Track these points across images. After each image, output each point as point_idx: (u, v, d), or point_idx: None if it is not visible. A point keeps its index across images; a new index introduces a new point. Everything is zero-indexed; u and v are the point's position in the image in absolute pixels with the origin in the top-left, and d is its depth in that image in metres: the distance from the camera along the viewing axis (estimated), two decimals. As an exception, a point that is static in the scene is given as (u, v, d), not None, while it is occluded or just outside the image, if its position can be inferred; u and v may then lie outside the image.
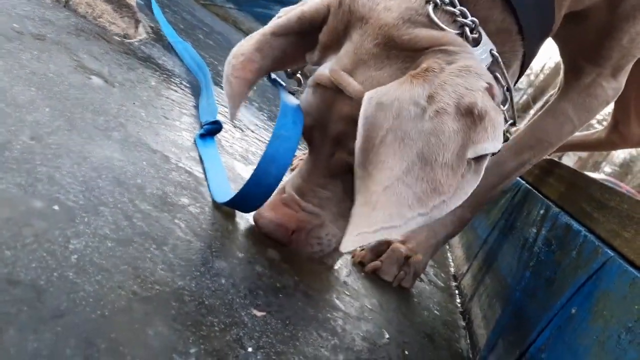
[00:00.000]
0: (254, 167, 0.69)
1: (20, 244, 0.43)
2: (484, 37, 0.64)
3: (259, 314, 0.56)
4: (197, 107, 1.12)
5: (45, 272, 0.42)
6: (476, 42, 0.64)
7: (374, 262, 0.90)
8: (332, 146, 0.70)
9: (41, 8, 1.05)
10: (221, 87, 1.44)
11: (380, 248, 0.92)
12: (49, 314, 0.39)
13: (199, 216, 0.68)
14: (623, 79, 0.95)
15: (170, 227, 0.61)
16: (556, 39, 0.95)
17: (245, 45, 0.72)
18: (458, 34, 0.63)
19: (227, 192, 0.75)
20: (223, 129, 1.08)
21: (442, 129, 0.55)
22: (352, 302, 0.74)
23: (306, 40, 0.72)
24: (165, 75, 1.19)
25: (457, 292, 1.10)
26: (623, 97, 1.60)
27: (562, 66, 0.99)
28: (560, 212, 0.78)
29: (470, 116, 0.56)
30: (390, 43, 0.63)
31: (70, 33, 1.02)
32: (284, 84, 0.82)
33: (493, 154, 0.58)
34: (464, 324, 0.93)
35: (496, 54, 0.65)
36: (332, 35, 0.69)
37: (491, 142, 0.56)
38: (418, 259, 0.93)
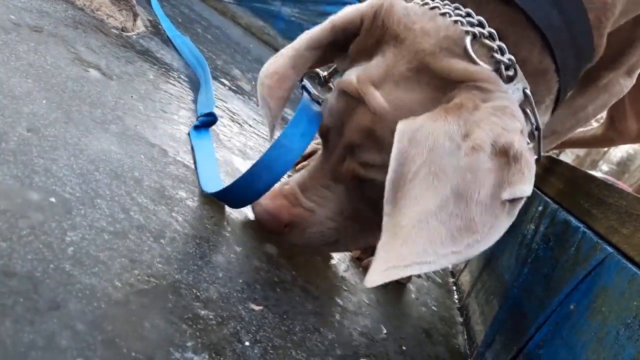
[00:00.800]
0: (253, 162, 0.69)
1: (17, 236, 0.43)
2: (520, 74, 0.63)
3: (256, 308, 0.56)
4: (195, 101, 1.11)
5: (41, 264, 0.42)
6: (510, 80, 0.63)
7: (370, 258, 0.90)
8: (344, 152, 0.69)
9: (39, 0, 1.04)
10: (219, 82, 1.44)
11: None
12: (45, 306, 0.38)
13: (197, 210, 0.67)
14: (636, 75, 0.98)
15: (168, 220, 0.60)
16: None
17: (278, 63, 0.71)
18: (494, 69, 0.62)
19: (216, 182, 0.75)
20: (222, 124, 1.07)
21: (478, 165, 0.54)
22: (350, 297, 0.74)
23: (338, 47, 0.72)
24: (163, 69, 1.18)
25: (454, 288, 1.10)
26: None
27: None
28: (559, 209, 0.77)
29: (506, 156, 0.54)
30: (424, 70, 0.62)
31: (67, 25, 1.01)
32: (311, 90, 0.80)
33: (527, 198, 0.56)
34: (462, 320, 0.93)
35: (529, 92, 0.64)
36: (363, 47, 0.69)
37: (527, 185, 0.54)
38: None
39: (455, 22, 0.63)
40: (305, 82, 0.80)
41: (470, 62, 0.61)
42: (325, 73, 0.84)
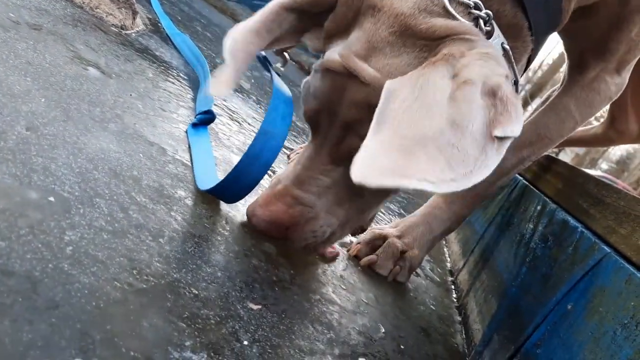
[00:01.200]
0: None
1: (15, 235, 0.43)
2: (497, 30, 0.65)
3: (254, 307, 0.56)
4: (194, 99, 1.11)
5: (40, 264, 0.42)
6: (489, 35, 0.64)
7: (369, 256, 0.90)
8: (342, 131, 0.68)
9: (38, -2, 1.04)
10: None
11: (376, 242, 0.92)
12: (43, 305, 0.38)
13: (195, 209, 0.67)
14: (627, 75, 0.95)
15: (167, 220, 0.60)
16: (563, 33, 0.93)
17: (250, 21, 0.69)
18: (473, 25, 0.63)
19: (212, 179, 0.75)
20: (220, 122, 1.07)
21: (471, 97, 0.54)
22: (348, 296, 0.74)
23: (306, 21, 0.72)
24: (162, 67, 1.18)
25: (453, 287, 1.11)
26: (620, 96, 1.60)
27: (566, 61, 0.98)
28: (557, 208, 0.78)
29: (494, 97, 0.55)
30: (406, 32, 0.63)
31: (67, 23, 1.01)
32: (273, 66, 0.82)
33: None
34: (460, 319, 0.93)
35: (507, 47, 0.66)
36: (339, 22, 0.68)
37: (515, 125, 0.55)
38: (414, 253, 0.93)
39: None
40: (264, 53, 0.82)
41: (451, 19, 0.62)
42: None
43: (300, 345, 0.56)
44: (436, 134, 0.52)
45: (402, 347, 0.70)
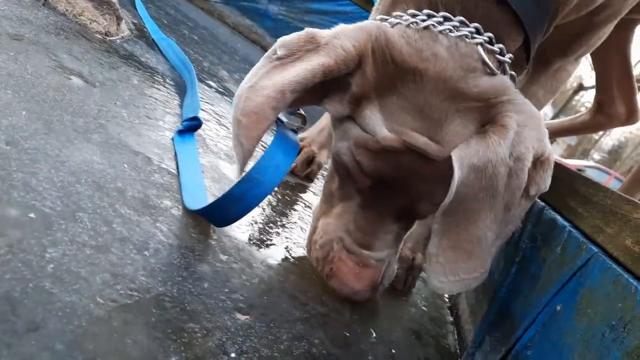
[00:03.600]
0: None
1: (-6, 255, 0.42)
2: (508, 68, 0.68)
3: (242, 317, 0.56)
4: (181, 105, 1.10)
5: (20, 284, 0.41)
6: (512, 78, 0.68)
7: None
8: (411, 201, 0.70)
9: (19, 7, 1.03)
10: (206, 85, 1.43)
11: None
12: (23, 328, 0.38)
13: (182, 219, 0.67)
14: (580, 60, 1.06)
15: (152, 231, 0.60)
16: None
17: (257, 101, 0.61)
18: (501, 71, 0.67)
19: (200, 196, 0.74)
20: (208, 128, 1.07)
21: (523, 182, 0.62)
22: (338, 302, 0.73)
23: (324, 85, 0.65)
24: (148, 74, 1.17)
25: (445, 286, 1.10)
26: (606, 78, 1.61)
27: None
28: (546, 207, 0.77)
29: (537, 161, 0.63)
30: (458, 96, 0.63)
31: (49, 32, 1.00)
32: (284, 119, 0.78)
33: None
34: (452, 320, 0.93)
35: (514, 75, 0.69)
36: (369, 86, 0.65)
37: (547, 183, 0.65)
38: (420, 258, 0.94)
39: (459, 37, 0.63)
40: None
41: (491, 74, 0.64)
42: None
43: (289, 355, 0.55)
44: (494, 220, 0.62)
45: (393, 351, 0.70)
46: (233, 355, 0.49)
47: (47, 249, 0.47)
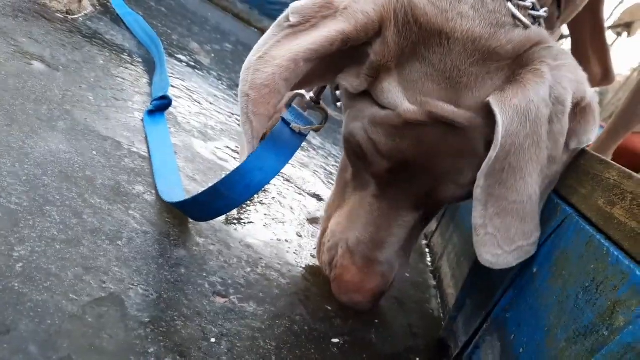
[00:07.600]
0: (214, 144, 0.67)
1: (-43, 259, 0.41)
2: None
3: (221, 300, 0.56)
4: (150, 83, 1.08)
5: (-13, 286, 0.40)
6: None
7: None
8: (434, 182, 0.63)
9: (-28, -11, 0.99)
10: (175, 59, 1.40)
11: None
12: (-8, 332, 0.37)
13: (155, 204, 0.66)
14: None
15: (124, 219, 0.59)
16: None
17: (267, 73, 0.56)
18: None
19: (173, 180, 0.71)
20: (179, 105, 1.05)
21: (564, 127, 0.57)
22: (319, 275, 0.74)
23: (338, 60, 0.60)
24: (114, 52, 1.14)
25: (427, 250, 1.11)
26: (580, 41, 1.61)
27: None
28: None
29: (578, 107, 0.58)
30: (489, 57, 0.58)
31: (6, 15, 0.96)
32: (290, 121, 0.68)
33: None
34: (435, 284, 0.94)
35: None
36: (390, 54, 0.59)
37: (591, 134, 0.59)
38: None
39: None
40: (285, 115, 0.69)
41: (522, 26, 0.59)
42: (311, 94, 0.74)
43: (271, 336, 0.55)
44: (539, 174, 0.57)
45: (376, 321, 0.70)
46: (213, 340, 0.50)
47: (15, 247, 0.46)
